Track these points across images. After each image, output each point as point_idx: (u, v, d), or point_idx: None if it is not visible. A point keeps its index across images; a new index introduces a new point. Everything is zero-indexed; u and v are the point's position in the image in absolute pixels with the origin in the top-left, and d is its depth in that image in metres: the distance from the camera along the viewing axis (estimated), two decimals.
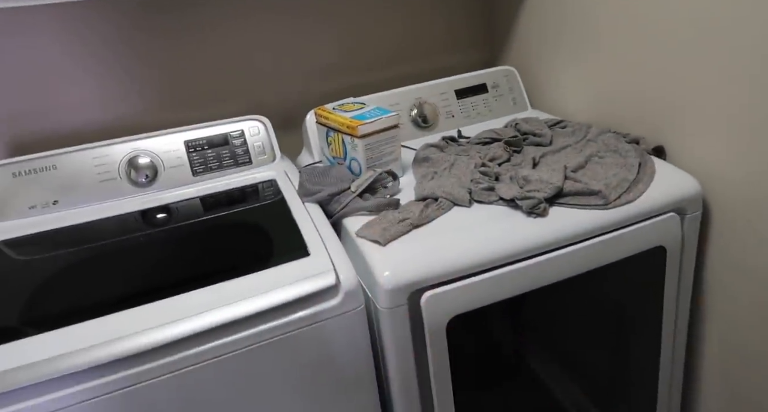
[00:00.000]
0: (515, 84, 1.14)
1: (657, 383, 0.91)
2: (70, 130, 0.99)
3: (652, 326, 0.85)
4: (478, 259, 0.69)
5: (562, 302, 0.79)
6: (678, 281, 0.83)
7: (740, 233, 0.79)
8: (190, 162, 0.93)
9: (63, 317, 0.61)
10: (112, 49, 0.98)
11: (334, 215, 0.80)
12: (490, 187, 0.78)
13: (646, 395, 0.93)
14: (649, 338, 0.87)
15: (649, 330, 0.86)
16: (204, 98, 1.07)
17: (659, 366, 0.89)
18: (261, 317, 0.63)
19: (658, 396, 0.92)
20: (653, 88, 0.86)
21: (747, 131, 0.73)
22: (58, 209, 0.86)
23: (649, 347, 0.88)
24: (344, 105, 0.91)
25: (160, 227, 0.82)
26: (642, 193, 0.76)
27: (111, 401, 0.58)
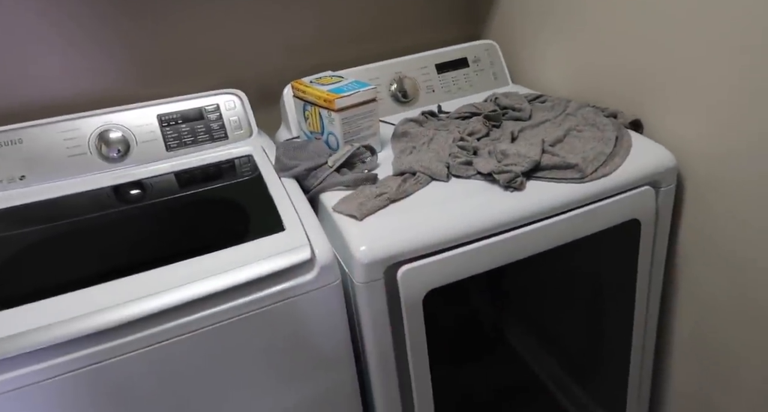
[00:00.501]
0: (496, 58, 1.13)
1: (629, 354, 0.93)
2: (37, 103, 0.95)
3: (625, 299, 0.87)
4: (454, 233, 0.69)
5: (539, 275, 0.80)
6: (651, 253, 0.84)
7: (712, 207, 0.80)
8: (164, 137, 0.91)
9: (33, 293, 0.60)
10: (81, 20, 0.94)
11: (311, 190, 0.79)
12: (468, 161, 0.78)
13: (619, 367, 0.95)
14: (623, 311, 0.88)
15: (623, 303, 0.88)
16: (178, 72, 1.04)
17: (632, 338, 0.91)
18: (236, 291, 0.62)
19: (630, 367, 0.95)
20: (632, 64, 0.86)
21: (722, 106, 0.73)
22: (25, 185, 0.84)
23: (623, 320, 0.89)
24: (322, 78, 0.89)
25: (134, 202, 0.81)
26: (618, 166, 0.76)
27: (83, 376, 0.58)
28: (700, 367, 0.92)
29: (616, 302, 0.88)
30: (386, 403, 0.77)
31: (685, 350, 0.95)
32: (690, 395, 0.97)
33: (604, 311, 0.89)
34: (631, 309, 0.88)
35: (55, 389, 0.57)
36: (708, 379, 0.92)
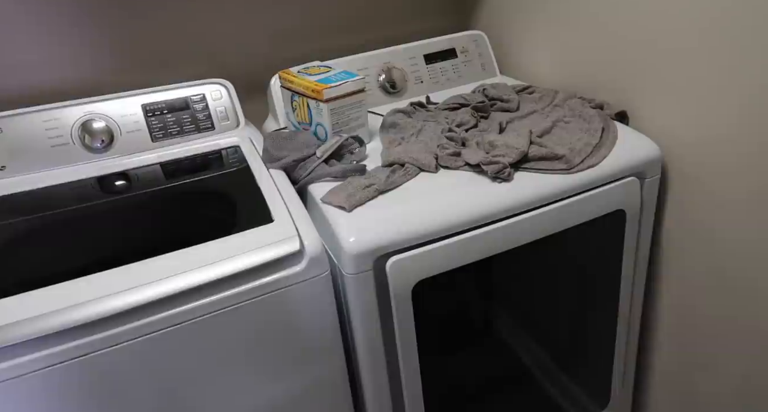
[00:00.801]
0: (484, 49, 1.13)
1: (614, 342, 0.95)
2: (17, 92, 0.93)
3: (611, 288, 0.88)
4: (443, 224, 0.69)
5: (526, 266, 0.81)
6: (636, 243, 0.85)
7: (695, 197, 0.81)
8: (149, 127, 0.90)
9: (17, 285, 0.59)
10: (61, 7, 0.92)
11: (299, 181, 0.79)
12: (457, 152, 0.78)
13: (604, 355, 0.97)
14: (608, 300, 0.90)
15: (608, 292, 0.89)
16: (162, 60, 1.02)
17: (617, 326, 0.93)
18: (224, 283, 0.62)
19: (614, 355, 0.96)
20: (619, 55, 0.86)
21: (705, 98, 0.74)
22: (6, 175, 0.82)
23: (608, 308, 0.91)
24: (309, 68, 0.88)
25: (119, 194, 0.79)
26: (604, 157, 0.77)
27: (69, 368, 0.57)
28: (683, 352, 0.95)
29: (602, 291, 0.89)
30: (375, 393, 0.77)
31: (668, 336, 0.97)
32: (672, 379, 0.99)
33: (590, 300, 0.91)
34: (616, 298, 0.89)
35: (41, 381, 0.56)
36: (690, 363, 0.94)
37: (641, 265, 0.89)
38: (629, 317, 0.94)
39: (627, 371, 1.01)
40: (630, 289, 0.90)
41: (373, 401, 0.78)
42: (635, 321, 0.96)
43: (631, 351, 0.99)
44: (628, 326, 0.94)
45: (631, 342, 0.98)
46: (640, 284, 0.93)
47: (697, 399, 0.95)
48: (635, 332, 0.98)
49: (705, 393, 0.93)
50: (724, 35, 0.69)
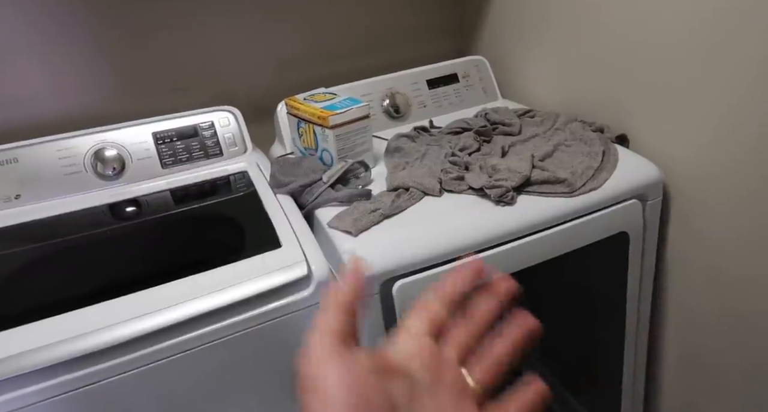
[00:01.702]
0: (486, 74, 1.15)
1: (622, 365, 0.94)
2: (32, 122, 0.96)
3: (616, 309, 0.89)
4: (448, 247, 0.70)
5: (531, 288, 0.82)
6: (641, 265, 0.86)
7: (699, 217, 0.82)
8: (159, 154, 0.92)
9: (29, 313, 0.60)
10: (73, 37, 0.95)
11: (306, 206, 0.80)
12: (460, 176, 0.80)
13: (612, 377, 0.96)
14: (614, 322, 0.90)
15: (614, 313, 0.89)
16: (171, 88, 1.05)
17: (624, 349, 0.93)
18: (233, 308, 0.63)
19: (623, 378, 0.96)
20: (619, 80, 0.88)
21: (706, 121, 0.76)
22: (21, 203, 0.84)
23: (614, 330, 0.91)
24: (315, 95, 0.91)
25: (130, 220, 0.81)
26: (605, 180, 0.78)
27: (78, 397, 0.58)
28: (691, 375, 0.94)
29: (608, 313, 0.89)
30: None
31: (676, 359, 0.96)
32: (681, 404, 0.98)
33: (596, 323, 0.91)
34: (622, 320, 0.89)
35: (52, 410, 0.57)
36: (698, 387, 0.93)
37: (646, 286, 0.90)
38: (636, 337, 0.93)
39: (636, 395, 1.00)
40: (636, 310, 0.90)
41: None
42: (643, 341, 0.96)
43: (639, 375, 0.99)
44: (635, 346, 0.94)
45: (639, 364, 0.98)
46: (646, 304, 0.93)
47: None
48: (643, 354, 0.98)
49: None
50: (723, 58, 0.71)
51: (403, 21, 1.21)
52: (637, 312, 0.90)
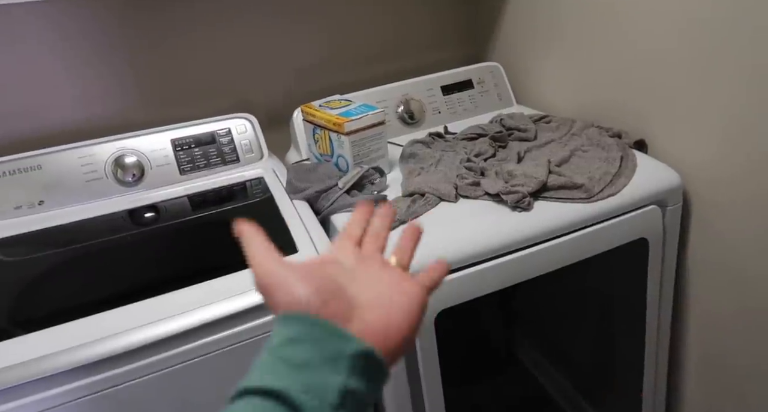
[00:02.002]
0: (500, 80, 1.15)
1: (642, 372, 0.93)
2: (54, 129, 0.98)
3: (636, 316, 0.87)
4: (464, 253, 0.70)
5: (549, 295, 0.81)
6: (660, 271, 0.84)
7: (720, 222, 0.80)
8: (177, 161, 0.93)
9: (50, 317, 0.61)
10: (96, 47, 0.97)
11: (321, 211, 0.81)
12: (476, 182, 0.79)
13: (632, 385, 0.94)
14: (634, 328, 0.88)
15: (634, 320, 0.88)
16: (189, 96, 1.07)
17: (644, 356, 0.91)
18: (249, 314, 0.63)
19: (643, 386, 0.94)
20: (636, 82, 0.88)
21: (725, 125, 0.75)
22: (44, 209, 0.86)
23: (634, 337, 0.89)
24: (330, 102, 0.91)
25: (148, 226, 0.82)
26: (624, 186, 0.77)
27: (97, 400, 0.58)
28: (714, 383, 0.92)
29: (627, 320, 0.88)
30: None
31: (698, 366, 0.94)
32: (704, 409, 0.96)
33: (616, 330, 0.89)
34: (642, 327, 0.88)
35: None
36: (722, 395, 0.91)
37: (667, 292, 0.88)
38: (657, 344, 0.92)
39: (657, 402, 0.98)
40: (656, 316, 0.88)
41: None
42: (663, 349, 0.94)
43: (660, 382, 0.97)
44: (656, 353, 0.92)
45: (660, 372, 0.96)
46: (667, 311, 0.91)
47: None
48: (664, 362, 0.96)
49: None
50: (742, 62, 0.70)
51: (418, 28, 1.22)
52: (658, 319, 0.88)
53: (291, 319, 0.32)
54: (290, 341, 0.31)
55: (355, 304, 0.34)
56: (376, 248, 0.41)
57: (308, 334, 0.31)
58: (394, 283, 0.37)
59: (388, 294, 0.36)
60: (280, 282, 0.34)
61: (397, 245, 0.42)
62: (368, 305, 0.34)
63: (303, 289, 0.33)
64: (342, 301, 0.34)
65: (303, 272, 0.35)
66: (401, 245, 0.42)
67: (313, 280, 0.34)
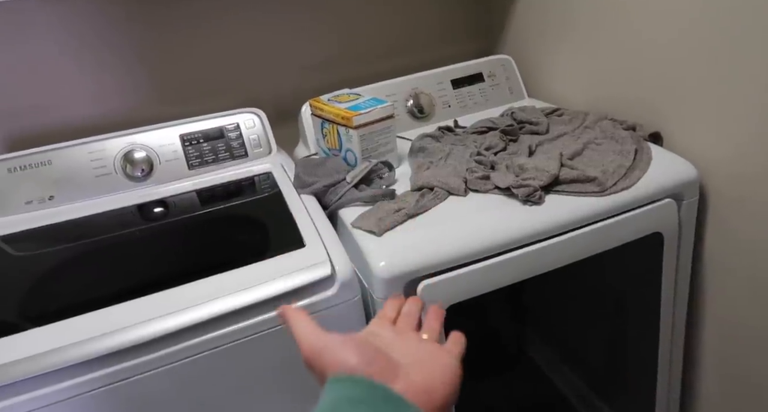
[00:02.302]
0: (512, 73, 1.13)
1: (656, 369, 0.91)
2: (64, 125, 0.99)
3: (650, 313, 0.85)
4: (473, 248, 0.69)
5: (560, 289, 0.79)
6: (675, 266, 0.82)
7: (737, 217, 0.78)
8: (186, 156, 0.93)
9: (60, 311, 0.61)
10: (106, 43, 0.98)
11: (329, 206, 0.80)
12: (486, 176, 0.78)
13: (645, 384, 0.93)
14: (648, 325, 0.87)
15: (648, 316, 0.86)
16: (198, 91, 1.07)
17: (658, 352, 0.89)
18: (257, 308, 0.63)
19: (657, 383, 0.92)
20: (650, 75, 0.86)
21: (743, 116, 0.73)
22: (54, 205, 0.86)
23: (648, 334, 0.88)
24: (339, 96, 0.91)
25: (157, 220, 0.82)
26: (638, 179, 0.76)
27: (107, 393, 0.59)
28: (731, 383, 0.90)
29: (641, 316, 0.86)
30: None
31: (714, 364, 0.92)
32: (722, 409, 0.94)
33: (629, 326, 0.88)
34: (656, 323, 0.86)
35: (80, 406, 0.58)
36: (738, 394, 0.89)
37: (682, 288, 0.86)
38: (671, 342, 0.90)
39: (671, 400, 0.96)
40: (671, 313, 0.86)
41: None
42: (678, 347, 0.92)
43: (675, 379, 0.95)
44: (670, 351, 0.91)
45: (674, 370, 0.94)
46: (682, 308, 0.89)
47: None
48: (679, 359, 0.94)
49: None
50: (758, 51, 0.68)
51: (428, 22, 1.21)
52: (672, 316, 0.87)
53: (347, 380, 0.34)
54: (349, 401, 0.32)
55: (398, 365, 0.37)
56: (410, 326, 0.45)
57: (367, 396, 0.33)
58: (432, 353, 0.40)
59: (429, 361, 0.39)
60: (327, 347, 0.37)
61: (425, 325, 0.46)
62: (411, 368, 0.37)
63: (349, 352, 0.36)
64: (385, 361, 0.36)
65: (346, 338, 0.38)
66: (429, 325, 0.46)
67: (356, 344, 0.37)
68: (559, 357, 0.88)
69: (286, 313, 0.42)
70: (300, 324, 0.41)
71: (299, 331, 0.40)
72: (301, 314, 0.42)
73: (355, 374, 0.34)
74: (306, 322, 0.41)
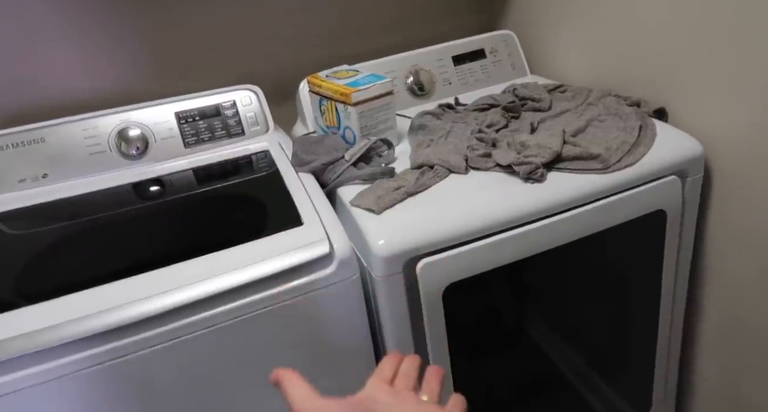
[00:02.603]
0: (514, 49, 1.11)
1: (655, 347, 0.91)
2: (58, 102, 0.97)
3: (651, 291, 0.85)
4: (474, 226, 0.68)
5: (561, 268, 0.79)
6: (678, 244, 0.82)
7: (741, 195, 0.77)
8: (182, 134, 0.92)
9: (57, 289, 0.61)
10: (99, 18, 0.95)
11: (328, 184, 0.79)
12: (487, 153, 0.77)
13: (644, 361, 0.93)
14: (649, 303, 0.86)
15: (648, 295, 0.86)
16: (194, 68, 1.05)
17: (657, 331, 0.89)
18: (255, 286, 0.62)
19: (656, 361, 0.93)
20: (655, 50, 0.83)
21: (749, 91, 0.71)
22: (48, 183, 0.85)
23: (648, 312, 0.87)
24: (337, 72, 0.89)
25: (153, 199, 0.81)
26: (642, 156, 0.74)
27: (105, 370, 0.59)
28: (729, 358, 0.90)
29: (642, 294, 0.86)
30: None
31: (713, 341, 0.92)
32: (718, 388, 0.95)
33: (629, 304, 0.87)
34: (657, 301, 0.86)
35: (77, 383, 0.58)
36: (737, 370, 0.89)
37: (683, 266, 0.86)
38: (671, 320, 0.90)
39: (669, 377, 0.97)
40: (672, 291, 0.86)
41: None
42: (678, 325, 0.92)
43: (673, 357, 0.95)
44: (670, 330, 0.90)
45: (674, 347, 0.94)
46: (683, 286, 0.89)
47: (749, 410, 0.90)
48: (678, 337, 0.94)
49: (757, 406, 0.88)
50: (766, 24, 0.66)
51: None
52: (673, 293, 0.86)
53: None
54: None
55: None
56: (408, 386, 0.44)
57: None
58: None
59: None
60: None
61: (424, 385, 0.45)
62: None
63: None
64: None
65: (344, 404, 0.38)
66: (429, 386, 0.45)
67: (354, 409, 0.37)
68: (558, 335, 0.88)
69: (280, 375, 0.41)
70: (295, 387, 0.40)
71: (294, 394, 0.39)
72: (296, 376, 0.41)
73: None
74: (301, 385, 0.40)
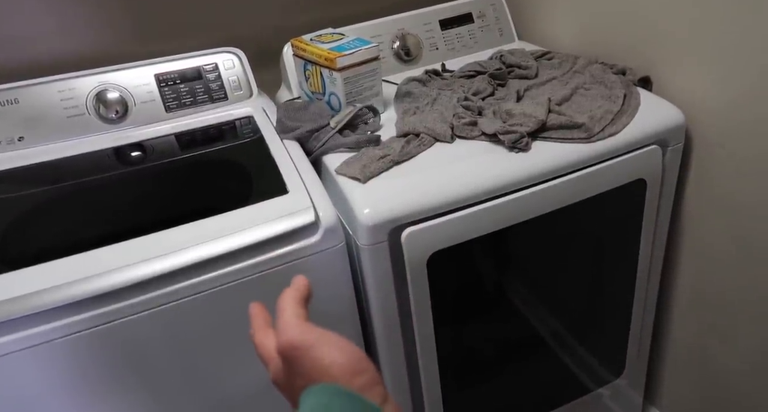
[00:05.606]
0: (502, 14, 1.09)
1: (630, 313, 0.95)
2: (31, 61, 0.93)
3: (628, 257, 0.88)
4: (458, 195, 0.68)
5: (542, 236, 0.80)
6: (656, 213, 0.84)
7: (720, 165, 0.79)
8: (163, 98, 0.89)
9: (37, 255, 0.60)
10: None
11: (313, 152, 0.78)
12: (473, 122, 0.77)
13: (619, 324, 0.97)
14: (625, 269, 0.89)
15: (626, 261, 0.88)
16: (174, 29, 1.01)
17: (633, 295, 0.92)
18: (240, 254, 0.63)
19: (630, 325, 0.96)
20: (642, 17, 0.83)
21: (731, 59, 0.71)
22: (24, 146, 0.83)
23: (625, 278, 0.90)
24: (322, 36, 0.86)
25: (135, 165, 0.80)
26: (626, 125, 0.75)
27: (88, 337, 0.59)
28: (699, 320, 0.94)
29: (619, 260, 0.88)
30: (391, 361, 0.79)
31: (685, 304, 0.96)
32: (688, 347, 0.99)
33: (607, 271, 0.90)
34: (633, 267, 0.88)
35: (65, 348, 0.58)
36: (706, 331, 0.94)
37: (661, 233, 0.88)
38: (647, 286, 0.93)
39: (643, 340, 1.01)
40: (648, 257, 0.89)
41: (388, 369, 0.79)
42: (653, 291, 0.96)
43: (647, 321, 0.99)
44: (645, 296, 0.94)
45: (648, 312, 0.98)
46: (659, 255, 0.91)
47: (715, 370, 0.95)
48: (653, 303, 0.98)
49: (723, 364, 0.92)
50: None
51: None
52: (650, 260, 0.89)
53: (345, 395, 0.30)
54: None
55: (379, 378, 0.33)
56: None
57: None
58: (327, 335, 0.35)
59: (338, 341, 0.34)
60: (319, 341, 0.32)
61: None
62: None
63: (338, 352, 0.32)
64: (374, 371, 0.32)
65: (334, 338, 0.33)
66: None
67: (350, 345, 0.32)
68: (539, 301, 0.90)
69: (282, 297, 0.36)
70: (291, 305, 0.34)
71: (287, 313, 0.34)
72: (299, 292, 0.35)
73: (351, 385, 0.30)
74: (299, 307, 0.34)
